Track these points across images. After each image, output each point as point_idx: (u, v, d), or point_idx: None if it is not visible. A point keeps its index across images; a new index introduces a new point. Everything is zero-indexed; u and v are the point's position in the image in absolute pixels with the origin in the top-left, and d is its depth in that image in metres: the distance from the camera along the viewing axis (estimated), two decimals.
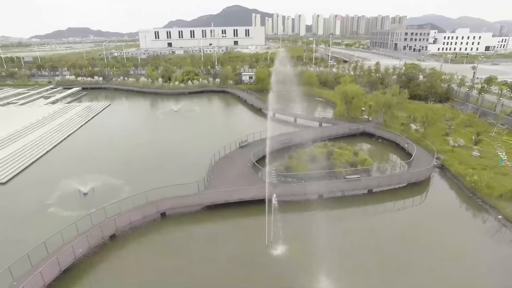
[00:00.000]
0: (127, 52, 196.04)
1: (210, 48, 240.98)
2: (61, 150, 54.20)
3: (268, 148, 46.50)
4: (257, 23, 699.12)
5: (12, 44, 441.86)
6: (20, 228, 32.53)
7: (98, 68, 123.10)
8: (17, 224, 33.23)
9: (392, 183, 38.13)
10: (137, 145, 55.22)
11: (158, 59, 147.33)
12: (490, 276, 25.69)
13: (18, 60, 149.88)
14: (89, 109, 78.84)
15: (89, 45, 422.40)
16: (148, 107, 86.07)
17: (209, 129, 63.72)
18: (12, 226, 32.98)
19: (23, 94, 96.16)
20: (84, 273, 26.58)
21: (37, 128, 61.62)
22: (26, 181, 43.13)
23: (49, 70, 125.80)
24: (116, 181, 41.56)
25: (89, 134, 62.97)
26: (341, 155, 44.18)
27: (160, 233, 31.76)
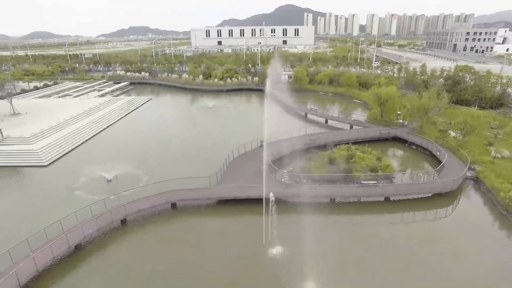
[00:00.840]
0: (178, 49, 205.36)
1: (258, 47, 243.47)
2: (98, 140, 58.55)
3: (289, 148, 46.83)
4: (308, 22, 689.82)
5: (81, 42, 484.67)
6: (47, 206, 35.75)
7: (146, 64, 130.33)
8: (45, 203, 36.62)
9: (410, 192, 35.64)
10: (166, 138, 57.80)
11: (202, 57, 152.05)
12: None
13: (80, 56, 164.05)
14: (131, 102, 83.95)
15: (146, 42, 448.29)
16: (186, 102, 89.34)
17: (237, 126, 64.54)
18: (40, 204, 36.45)
19: (79, 87, 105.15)
20: (93, 252, 28.67)
21: (82, 118, 67.01)
22: (63, 166, 47.35)
23: (104, 66, 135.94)
24: (138, 171, 43.91)
25: (126, 125, 67.20)
26: (363, 159, 42.24)
27: (169, 222, 33.10)
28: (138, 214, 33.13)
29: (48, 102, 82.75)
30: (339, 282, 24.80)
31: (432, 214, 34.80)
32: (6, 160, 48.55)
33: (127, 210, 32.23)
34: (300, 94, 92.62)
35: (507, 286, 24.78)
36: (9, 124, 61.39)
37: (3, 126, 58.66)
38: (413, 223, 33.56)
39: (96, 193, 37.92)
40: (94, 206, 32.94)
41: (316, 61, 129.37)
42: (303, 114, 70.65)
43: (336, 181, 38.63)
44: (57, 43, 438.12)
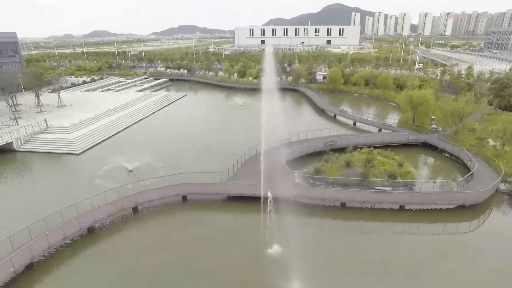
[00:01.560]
0: (221, 48, 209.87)
1: (300, 47, 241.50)
2: (128, 132, 61.81)
3: (309, 149, 46.05)
4: (356, 22, 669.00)
5: (133, 40, 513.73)
6: (69, 191, 38.52)
7: (185, 62, 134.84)
8: (69, 188, 39.53)
9: (427, 202, 33.27)
10: (191, 133, 59.46)
11: (240, 55, 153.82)
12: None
13: (127, 54, 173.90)
14: (166, 98, 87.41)
15: (192, 41, 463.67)
16: (218, 99, 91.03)
17: (261, 123, 64.45)
18: (64, 189, 39.45)
19: (122, 82, 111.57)
20: (104, 236, 30.67)
21: (118, 111, 71.10)
22: (92, 155, 50.71)
23: (146, 63, 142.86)
24: (159, 163, 45.68)
25: (156, 120, 70.16)
26: (382, 164, 40.28)
27: (177, 214, 34.21)
28: (149, 204, 34.56)
29: (92, 96, 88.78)
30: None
31: (453, 227, 32.37)
32: (46, 147, 53.02)
33: (138, 199, 33.75)
34: (333, 95, 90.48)
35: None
36: (55, 114, 66.93)
37: (51, 116, 64.20)
38: (430, 235, 31.34)
39: (116, 182, 39.97)
40: (111, 193, 34.90)
41: (354, 61, 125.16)
42: (332, 115, 68.89)
43: (350, 185, 37.27)
44: (110, 41, 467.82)
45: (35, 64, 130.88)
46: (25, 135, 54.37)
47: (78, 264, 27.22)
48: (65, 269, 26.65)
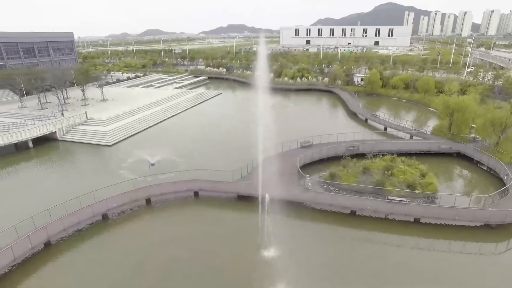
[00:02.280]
0: (267, 48, 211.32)
1: (346, 47, 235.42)
2: (159, 127, 64.61)
3: (329, 153, 44.87)
4: (408, 22, 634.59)
5: (182, 38, 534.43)
6: (92, 179, 41.23)
7: (226, 60, 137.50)
8: (93, 176, 42.44)
9: (444, 217, 30.78)
10: (217, 131, 60.66)
11: (279, 55, 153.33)
12: None
13: (172, 52, 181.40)
14: (201, 96, 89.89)
15: (239, 40, 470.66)
16: (251, 99, 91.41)
17: (288, 125, 63.82)
18: (89, 177, 42.43)
19: (163, 79, 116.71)
20: (118, 223, 32.74)
21: (153, 107, 74.54)
22: (121, 147, 53.79)
23: (189, 61, 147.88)
24: (181, 159, 47.32)
25: (188, 117, 72.50)
26: (403, 173, 38.03)
27: (187, 208, 35.22)
28: (161, 197, 35.95)
29: (133, 91, 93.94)
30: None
31: (474, 247, 29.72)
32: (84, 138, 57.26)
33: (151, 191, 35.32)
34: (370, 98, 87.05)
35: None
36: (96, 108, 71.98)
37: (92, 110, 69.24)
38: (446, 252, 29.06)
39: (137, 174, 42.14)
40: (128, 183, 36.92)
41: (397, 63, 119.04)
42: (363, 119, 66.33)
43: (365, 192, 35.71)
44: (161, 39, 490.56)
45: (90, 61, 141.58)
46: (67, 126, 59.14)
47: (90, 247, 29.31)
48: (77, 251, 28.76)
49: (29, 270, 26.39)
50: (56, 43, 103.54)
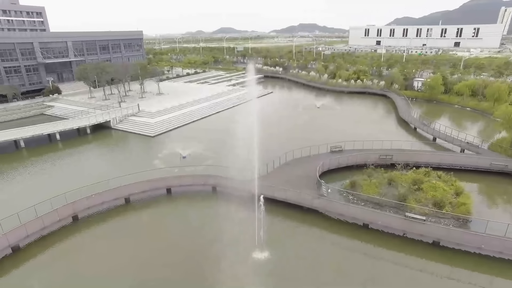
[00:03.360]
0: (331, 47, 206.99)
1: (419, 49, 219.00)
2: (201, 122, 67.67)
3: (357, 160, 42.77)
4: (504, 19, 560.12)
5: (252, 37, 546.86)
6: (127, 166, 44.97)
7: (283, 59, 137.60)
8: (129, 163, 46.31)
9: (468, 243, 27.28)
10: (256, 129, 61.27)
11: (338, 55, 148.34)
12: None
13: (233, 49, 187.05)
14: (250, 94, 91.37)
15: (307, 39, 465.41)
16: (299, 99, 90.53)
17: (329, 128, 61.94)
18: (125, 163, 46.40)
19: (219, 76, 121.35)
20: (138, 207, 35.71)
21: (201, 102, 78.16)
22: (161, 139, 57.67)
23: (247, 59, 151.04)
24: (212, 154, 49.25)
25: (231, 114, 74.42)
26: (434, 189, 34.63)
27: (202, 201, 36.62)
28: (180, 189, 38.00)
29: (188, 86, 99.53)
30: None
31: (503, 284, 25.92)
32: (133, 128, 62.70)
33: (170, 182, 37.58)
34: (429, 105, 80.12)
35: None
36: (150, 101, 78.06)
37: (147, 103, 75.33)
38: (468, 284, 25.93)
39: (168, 164, 44.98)
40: (154, 172, 39.78)
41: (469, 67, 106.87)
42: (412, 127, 61.38)
43: (384, 206, 33.37)
44: (233, 37, 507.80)
45: (158, 57, 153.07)
46: (120, 116, 65.29)
47: (110, 225, 32.60)
48: (101, 227, 32.27)
49: (56, 240, 30.29)
50: (127, 40, 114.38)
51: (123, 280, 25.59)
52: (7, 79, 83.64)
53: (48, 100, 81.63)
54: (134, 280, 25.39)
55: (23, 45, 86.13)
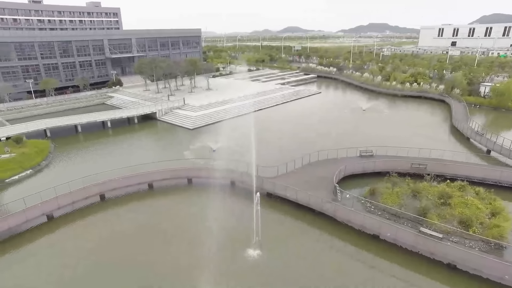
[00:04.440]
0: (397, 48, 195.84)
1: (502, 50, 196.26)
2: (239, 119, 68.78)
3: (385, 166, 40.29)
4: None
5: (317, 36, 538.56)
6: (161, 154, 47.98)
7: (339, 60, 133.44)
8: (163, 152, 49.46)
9: (488, 270, 24.06)
10: (293, 130, 61.07)
11: (395, 56, 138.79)
12: None
13: (290, 48, 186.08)
14: (297, 93, 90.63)
15: (374, 40, 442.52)
16: (347, 101, 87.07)
17: (369, 132, 58.80)
18: (159, 152, 49.55)
19: (273, 74, 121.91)
20: (158, 193, 38.33)
21: (245, 99, 79.50)
22: (197, 132, 60.23)
23: (304, 58, 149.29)
24: (241, 149, 50.00)
25: (272, 112, 74.68)
26: (464, 205, 31.21)
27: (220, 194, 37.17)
28: (200, 180, 39.62)
29: (238, 83, 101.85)
30: None
31: None
32: (175, 120, 66.54)
33: (191, 173, 39.39)
34: (496, 113, 71.55)
35: None
36: (198, 95, 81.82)
37: (194, 97, 79.20)
38: None
39: (197, 156, 46.89)
40: (181, 162, 42.03)
41: None
42: (465, 137, 55.48)
43: (403, 217, 30.98)
44: (298, 36, 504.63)
45: (217, 54, 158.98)
46: (166, 109, 69.63)
47: (132, 207, 35.57)
48: (124, 207, 35.44)
49: (84, 214, 33.96)
50: (185, 38, 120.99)
51: (139, 249, 27.78)
52: (81, 72, 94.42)
53: (110, 91, 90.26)
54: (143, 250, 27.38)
55: (95, 42, 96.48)
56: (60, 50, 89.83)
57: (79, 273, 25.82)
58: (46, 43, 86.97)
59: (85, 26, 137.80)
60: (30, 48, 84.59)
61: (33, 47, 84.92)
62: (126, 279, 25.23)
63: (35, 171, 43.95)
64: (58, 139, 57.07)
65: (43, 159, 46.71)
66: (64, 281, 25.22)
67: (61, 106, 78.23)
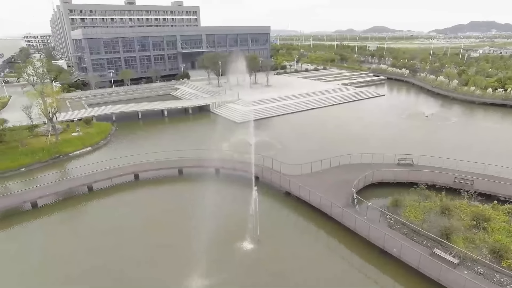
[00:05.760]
0: (503, 50, 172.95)
1: None
2: (288, 116, 68.61)
3: (422, 177, 36.72)
4: None
5: (403, 36, 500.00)
6: (195, 144, 50.42)
7: (415, 61, 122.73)
8: (196, 141, 51.78)
9: None
10: (336, 130, 58.87)
11: (483, 58, 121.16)
12: None
13: (365, 48, 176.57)
14: (358, 94, 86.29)
15: (473, 40, 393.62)
16: (412, 105, 79.60)
17: (420, 140, 53.37)
18: (195, 141, 52.13)
19: (339, 74, 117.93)
20: (189, 178, 40.86)
21: (300, 97, 78.69)
22: (242, 126, 61.48)
23: (377, 59, 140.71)
24: (279, 146, 50.63)
25: (321, 112, 72.47)
26: (506, 232, 26.88)
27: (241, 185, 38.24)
28: (227, 171, 40.92)
29: (299, 81, 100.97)
30: None
31: None
32: (226, 113, 69.26)
33: (218, 164, 40.94)
34: None
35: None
36: (255, 91, 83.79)
37: (251, 92, 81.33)
38: None
39: (234, 148, 48.31)
40: (211, 152, 43.97)
41: None
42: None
43: (423, 235, 27.86)
44: (357, 37, 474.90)
45: (289, 52, 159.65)
46: (219, 102, 72.83)
47: (161, 188, 38.86)
48: (154, 188, 38.86)
49: (119, 189, 38.18)
50: (254, 35, 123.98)
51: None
52: (155, 65, 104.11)
53: (177, 84, 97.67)
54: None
55: (168, 38, 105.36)
56: (139, 45, 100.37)
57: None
58: (128, 39, 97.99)
59: (167, 23, 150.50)
60: (114, 43, 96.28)
61: (117, 43, 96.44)
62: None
63: (93, 149, 50.47)
64: (122, 123, 64.17)
65: (102, 139, 53.21)
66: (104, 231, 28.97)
67: (133, 95, 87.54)
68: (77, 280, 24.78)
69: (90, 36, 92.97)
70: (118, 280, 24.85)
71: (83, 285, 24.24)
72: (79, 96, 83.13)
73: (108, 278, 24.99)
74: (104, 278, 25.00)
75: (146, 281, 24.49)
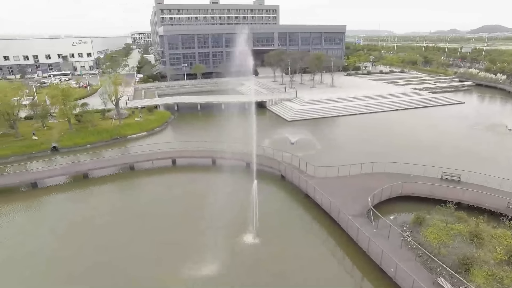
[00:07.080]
0: None
1: None
2: (344, 118, 65.63)
3: (457, 196, 32.35)
4: None
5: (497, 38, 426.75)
6: (241, 137, 51.83)
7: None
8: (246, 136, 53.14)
9: None
10: (385, 136, 54.75)
11: None
12: None
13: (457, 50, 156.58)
14: (428, 100, 78.00)
15: None
16: (493, 117, 68.31)
17: (491, 157, 46.15)
18: (243, 136, 53.50)
19: (417, 78, 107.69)
20: (219, 170, 41.95)
21: (360, 100, 74.53)
22: (292, 125, 61.07)
23: (469, 62, 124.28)
24: (321, 146, 49.51)
25: (380, 116, 67.48)
26: None
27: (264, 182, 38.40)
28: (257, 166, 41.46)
29: (368, 84, 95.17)
30: None
31: None
32: (279, 110, 69.69)
33: (248, 158, 41.76)
34: None
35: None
36: (316, 91, 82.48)
37: (311, 92, 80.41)
38: None
39: (275, 145, 48.48)
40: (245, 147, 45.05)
41: None
42: None
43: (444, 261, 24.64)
44: (451, 37, 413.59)
45: (369, 53, 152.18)
46: (276, 99, 73.45)
47: (193, 175, 42.09)
48: (188, 173, 41.68)
49: (159, 172, 42.05)
50: (328, 34, 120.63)
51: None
52: (226, 60, 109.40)
53: (244, 79, 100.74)
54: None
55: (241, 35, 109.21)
56: (213, 41, 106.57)
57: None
58: (202, 36, 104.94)
59: (247, 22, 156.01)
60: (190, 39, 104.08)
61: (193, 39, 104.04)
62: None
63: (148, 134, 56.13)
64: (183, 113, 69.61)
65: (159, 126, 58.70)
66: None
67: (202, 88, 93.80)
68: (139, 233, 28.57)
69: (169, 32, 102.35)
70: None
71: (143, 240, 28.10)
72: (155, 87, 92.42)
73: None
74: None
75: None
